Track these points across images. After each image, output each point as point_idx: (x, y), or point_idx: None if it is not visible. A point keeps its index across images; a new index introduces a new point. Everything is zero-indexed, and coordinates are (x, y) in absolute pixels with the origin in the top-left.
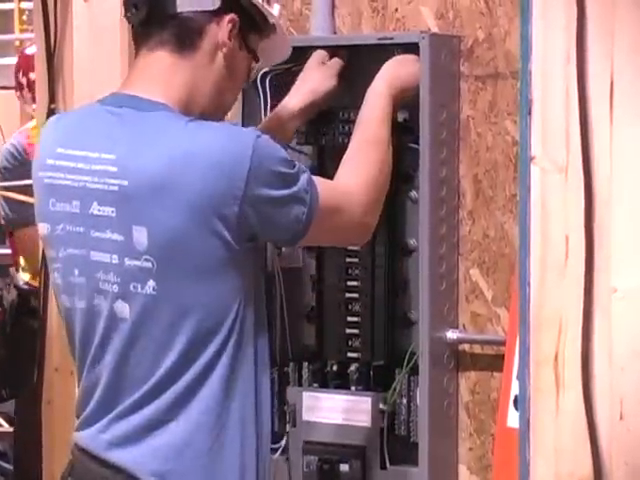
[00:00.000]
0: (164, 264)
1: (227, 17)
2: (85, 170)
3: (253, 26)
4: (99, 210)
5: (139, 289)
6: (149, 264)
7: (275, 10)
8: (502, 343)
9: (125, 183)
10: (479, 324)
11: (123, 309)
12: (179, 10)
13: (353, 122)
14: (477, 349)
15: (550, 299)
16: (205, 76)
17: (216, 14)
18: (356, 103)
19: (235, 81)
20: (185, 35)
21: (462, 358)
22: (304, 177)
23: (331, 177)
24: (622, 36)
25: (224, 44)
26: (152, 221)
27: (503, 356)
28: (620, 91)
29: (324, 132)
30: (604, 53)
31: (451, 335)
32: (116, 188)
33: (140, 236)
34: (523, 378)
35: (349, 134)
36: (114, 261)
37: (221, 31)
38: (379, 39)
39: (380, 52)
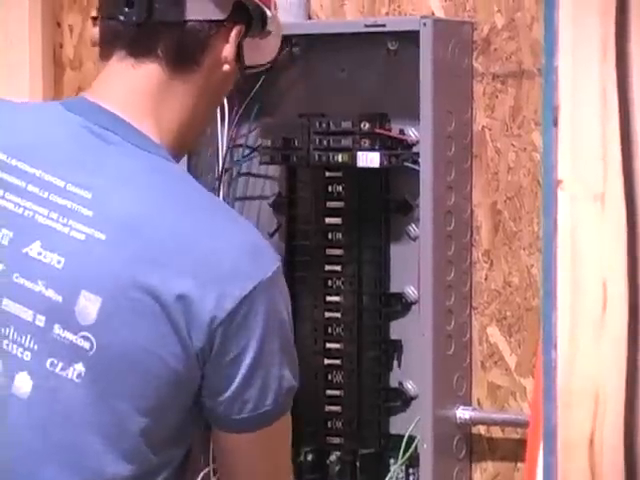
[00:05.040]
0: (109, 354)
1: (235, 28)
2: (38, 198)
3: (250, 33)
4: (40, 254)
5: (57, 369)
6: (87, 344)
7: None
8: (529, 424)
9: (101, 237)
10: (499, 399)
11: (24, 385)
12: (187, 17)
13: (333, 134)
14: (496, 432)
15: (583, 364)
16: (200, 99)
17: (223, 24)
18: (337, 109)
19: (221, 100)
20: (187, 48)
21: (477, 444)
22: None
23: (305, 211)
24: None
25: (226, 60)
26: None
27: None
28: None
29: (295, 147)
30: None
31: (462, 414)
32: (82, 237)
33: (88, 306)
34: (549, 468)
35: (327, 150)
36: (38, 323)
37: (228, 45)
38: (367, 26)
39: (368, 43)
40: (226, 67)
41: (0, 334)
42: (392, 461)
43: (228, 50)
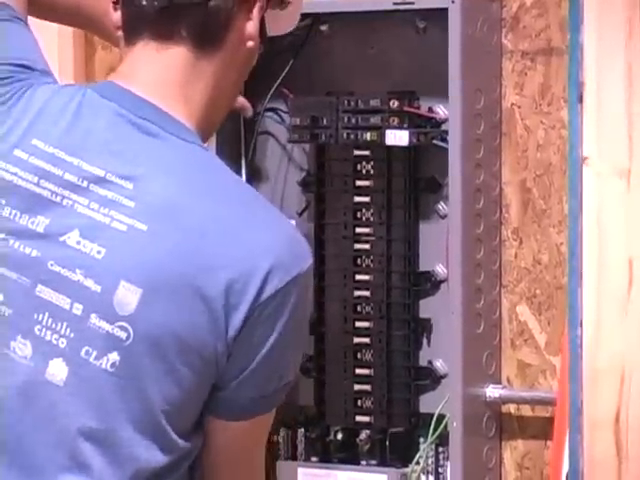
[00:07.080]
0: (144, 343)
1: (257, 4)
2: (77, 187)
3: (271, 5)
4: (78, 243)
5: (91, 358)
6: (123, 334)
7: None
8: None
9: (142, 228)
10: (529, 378)
11: (59, 372)
12: None
13: (361, 112)
14: (526, 410)
15: (609, 342)
16: (226, 77)
17: (245, 1)
18: (365, 87)
19: (246, 75)
20: (210, 28)
21: (506, 422)
22: None
23: (334, 190)
24: None
25: (250, 36)
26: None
27: None
28: None
29: (323, 126)
30: None
31: (492, 392)
32: (124, 228)
33: (128, 296)
34: (575, 447)
35: (356, 128)
36: (75, 311)
37: (252, 21)
38: (396, 4)
39: (396, 21)
40: (250, 43)
41: (32, 319)
42: (422, 440)
43: (252, 26)
